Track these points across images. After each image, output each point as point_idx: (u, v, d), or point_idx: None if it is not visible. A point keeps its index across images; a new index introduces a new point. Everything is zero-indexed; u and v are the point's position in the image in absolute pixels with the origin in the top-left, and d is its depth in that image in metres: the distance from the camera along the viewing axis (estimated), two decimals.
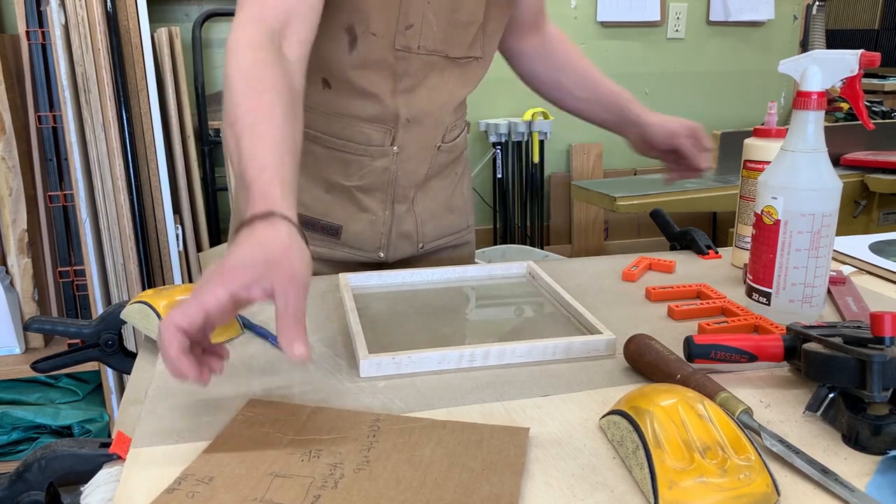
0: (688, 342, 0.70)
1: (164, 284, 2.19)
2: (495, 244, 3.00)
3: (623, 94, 1.19)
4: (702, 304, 0.88)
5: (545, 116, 2.89)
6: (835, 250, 1.09)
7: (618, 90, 1.19)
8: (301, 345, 0.58)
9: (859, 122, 1.68)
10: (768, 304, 0.84)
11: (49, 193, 2.13)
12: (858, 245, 1.13)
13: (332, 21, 0.95)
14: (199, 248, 2.30)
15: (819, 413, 0.62)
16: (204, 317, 0.58)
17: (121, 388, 2.14)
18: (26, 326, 0.86)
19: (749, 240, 0.90)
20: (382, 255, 1.08)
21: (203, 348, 0.62)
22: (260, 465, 0.55)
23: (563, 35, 1.22)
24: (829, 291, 0.93)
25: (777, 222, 0.81)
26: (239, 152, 0.70)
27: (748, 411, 0.60)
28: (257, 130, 0.71)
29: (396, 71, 0.96)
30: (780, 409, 0.65)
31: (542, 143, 2.93)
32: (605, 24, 2.94)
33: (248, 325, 0.84)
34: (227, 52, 0.78)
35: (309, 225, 1.06)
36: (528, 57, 1.20)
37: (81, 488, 0.58)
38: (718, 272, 1.03)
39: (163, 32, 2.15)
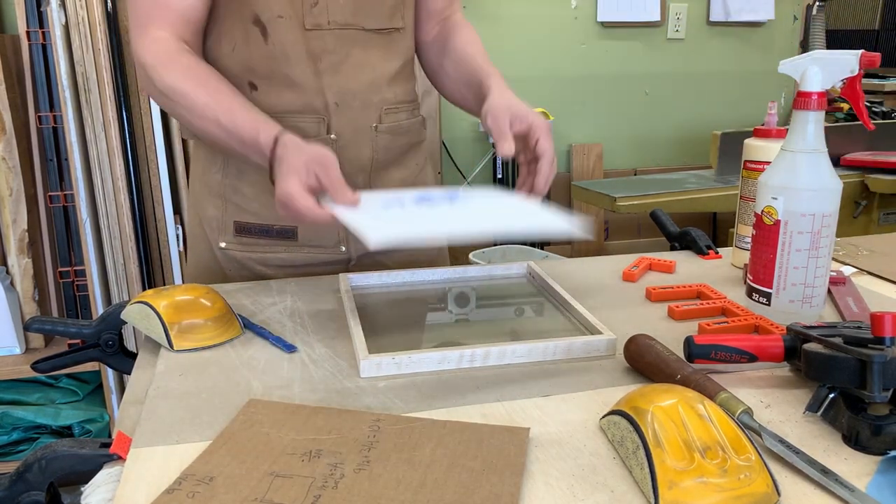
0: (688, 342, 0.70)
1: (164, 284, 2.19)
2: (495, 244, 3.00)
3: (488, 72, 1.05)
4: (702, 304, 0.88)
5: (545, 116, 2.88)
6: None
7: (485, 68, 1.06)
8: (353, 197, 0.84)
9: (859, 122, 1.68)
10: (768, 305, 0.84)
11: (49, 193, 2.13)
12: None
13: (239, 19, 0.97)
14: None
15: (819, 413, 0.62)
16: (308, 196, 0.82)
17: (121, 388, 2.14)
18: (26, 326, 0.86)
19: (749, 240, 0.90)
20: (344, 248, 1.06)
21: None
22: (260, 465, 0.55)
23: (467, 24, 1.15)
24: (829, 292, 0.93)
25: (777, 222, 0.81)
26: (222, 128, 0.90)
27: (748, 411, 0.60)
28: (224, 106, 0.91)
29: (314, 51, 0.97)
30: (781, 410, 0.65)
31: None
32: (605, 25, 2.94)
33: (247, 325, 0.84)
34: (153, 67, 0.92)
35: (263, 232, 1.05)
36: (425, 46, 1.15)
37: (82, 488, 0.58)
38: (718, 272, 1.03)
39: None
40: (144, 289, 2.11)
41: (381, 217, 0.82)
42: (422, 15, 1.13)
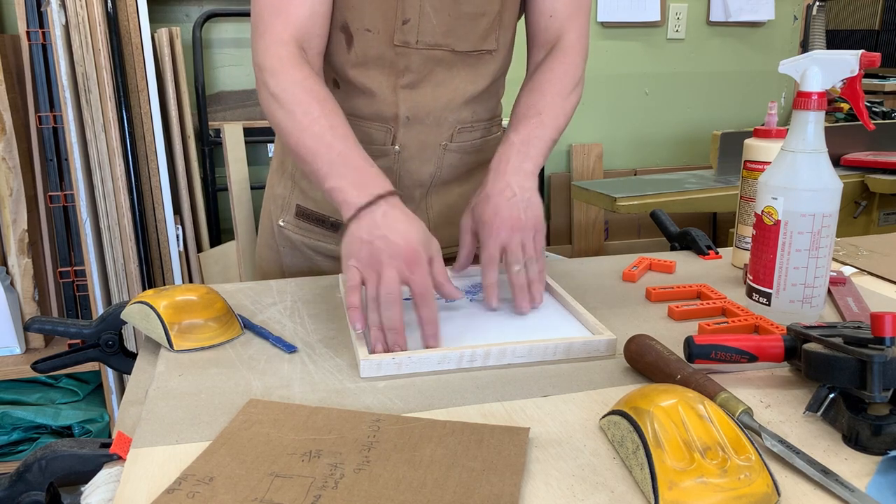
0: (688, 342, 0.70)
1: (164, 284, 2.19)
2: None
3: (507, 142, 0.94)
4: (702, 304, 0.88)
5: None
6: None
7: (510, 136, 0.94)
8: (455, 290, 0.81)
9: (859, 122, 1.68)
10: (768, 305, 0.84)
11: (49, 193, 2.13)
12: None
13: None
14: (199, 249, 2.30)
15: (819, 413, 0.62)
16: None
17: (121, 388, 2.14)
18: (27, 327, 0.86)
19: (749, 240, 0.90)
20: None
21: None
22: (260, 465, 0.55)
23: (562, 57, 1.01)
24: (829, 292, 0.93)
25: (777, 223, 0.81)
26: (329, 148, 0.83)
27: (748, 411, 0.60)
28: (339, 132, 0.85)
29: (397, 67, 0.96)
30: (781, 410, 0.65)
31: None
32: (605, 25, 2.94)
33: (247, 325, 0.84)
34: (269, 70, 0.88)
35: (319, 221, 1.07)
36: (528, 73, 1.07)
37: (82, 488, 0.58)
38: (718, 272, 1.03)
39: (163, 33, 2.15)
40: (144, 289, 2.11)
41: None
42: (529, 36, 1.05)
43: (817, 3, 3.18)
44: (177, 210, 2.23)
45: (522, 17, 1.06)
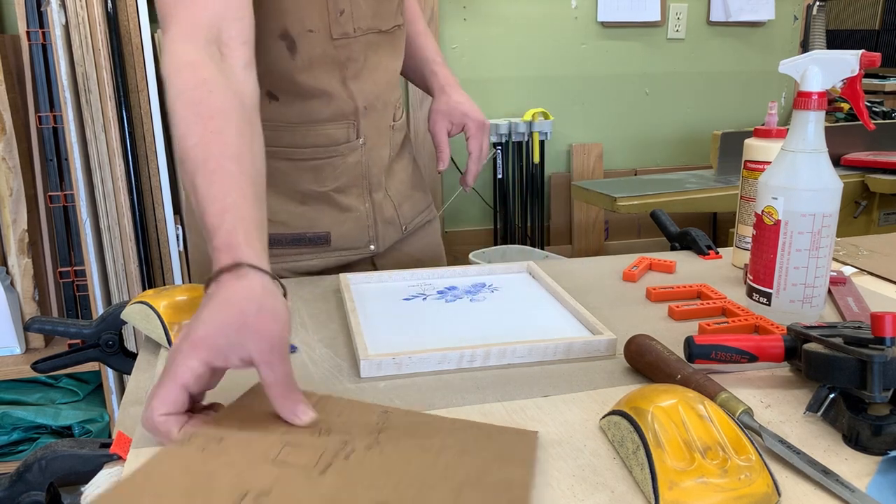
0: (688, 342, 0.70)
1: (164, 284, 2.19)
2: (495, 244, 3.00)
3: (432, 62, 1.16)
4: (702, 304, 0.88)
5: (545, 116, 2.89)
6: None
7: (429, 55, 1.16)
8: (305, 409, 0.57)
9: (860, 122, 1.68)
10: (769, 305, 0.84)
11: (49, 193, 2.13)
12: None
13: (263, 32, 0.89)
14: None
15: (819, 413, 0.62)
16: (183, 391, 0.55)
17: (121, 388, 2.14)
18: (27, 327, 0.86)
19: (749, 240, 0.90)
20: (373, 247, 1.08)
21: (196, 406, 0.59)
22: (271, 434, 0.55)
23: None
24: (829, 292, 0.93)
25: (777, 223, 0.81)
26: (195, 193, 0.64)
27: (748, 411, 0.60)
28: (210, 166, 0.64)
29: (339, 60, 0.96)
30: (781, 410, 0.65)
31: (542, 143, 2.93)
32: (605, 25, 2.94)
33: None
34: (164, 76, 0.71)
35: (296, 241, 1.02)
36: None
37: (82, 489, 0.58)
38: (719, 272, 1.03)
39: None
40: (144, 289, 2.11)
41: (390, 329, 0.82)
42: None
43: (817, 3, 3.18)
44: (177, 210, 2.23)
45: None
